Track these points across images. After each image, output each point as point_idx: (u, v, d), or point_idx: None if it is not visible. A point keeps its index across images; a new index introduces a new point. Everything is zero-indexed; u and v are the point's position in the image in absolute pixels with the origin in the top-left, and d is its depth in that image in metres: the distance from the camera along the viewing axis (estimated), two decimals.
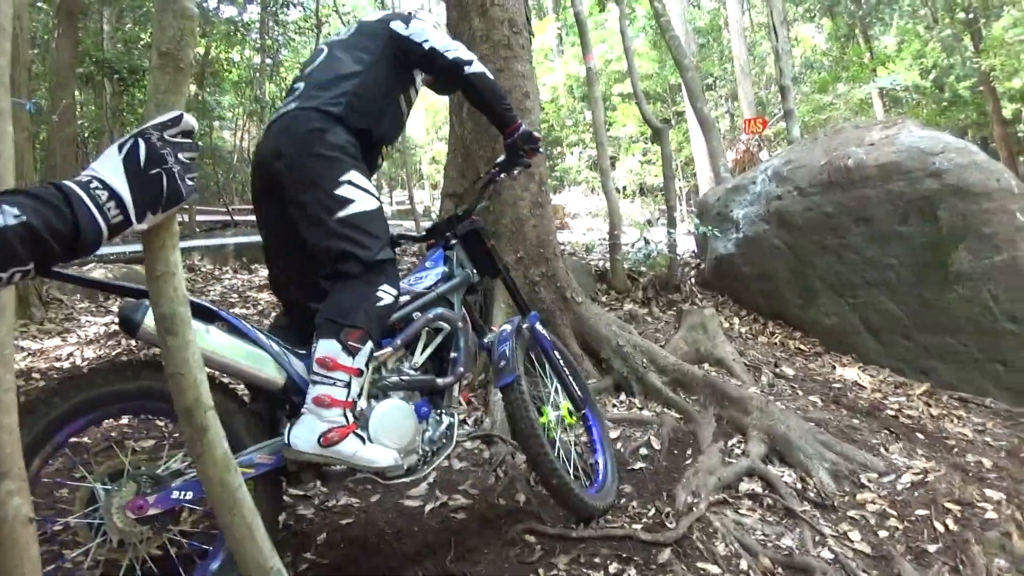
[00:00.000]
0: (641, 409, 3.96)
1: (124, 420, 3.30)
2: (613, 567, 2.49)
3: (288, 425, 2.01)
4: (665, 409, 3.93)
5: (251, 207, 2.75)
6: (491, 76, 2.52)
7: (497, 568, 2.47)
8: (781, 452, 3.47)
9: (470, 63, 2.45)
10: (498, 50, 4.46)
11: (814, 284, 5.26)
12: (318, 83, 2.27)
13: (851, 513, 3.12)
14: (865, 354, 5.08)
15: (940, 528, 3.00)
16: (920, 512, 3.08)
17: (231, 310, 5.70)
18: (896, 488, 3.29)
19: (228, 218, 13.58)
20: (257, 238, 9.13)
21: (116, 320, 1.91)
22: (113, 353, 4.75)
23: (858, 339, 5.12)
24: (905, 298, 4.86)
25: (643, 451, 3.53)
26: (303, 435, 1.96)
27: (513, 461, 3.36)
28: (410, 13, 2.55)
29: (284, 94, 2.71)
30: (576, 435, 3.14)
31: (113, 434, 3.25)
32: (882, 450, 3.68)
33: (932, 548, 2.88)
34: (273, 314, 5.74)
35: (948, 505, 3.12)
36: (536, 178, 4.51)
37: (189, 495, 1.86)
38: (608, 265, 6.09)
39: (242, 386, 2.22)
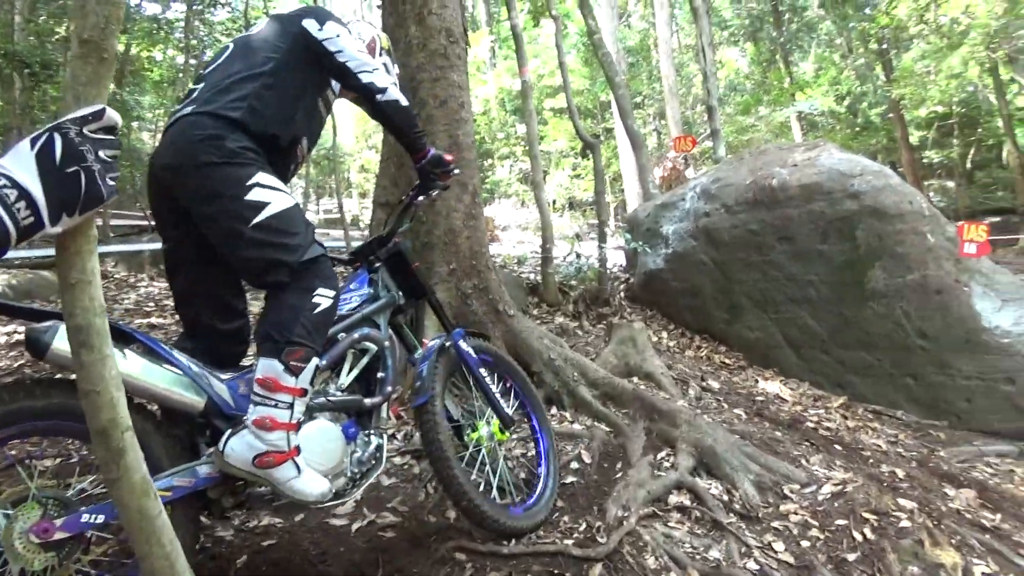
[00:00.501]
0: (572, 423, 3.96)
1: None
2: None
3: (227, 433, 1.90)
4: (595, 423, 3.95)
5: None
6: (405, 103, 2.37)
7: None
8: (708, 465, 3.52)
9: (383, 91, 2.29)
10: (435, 59, 4.42)
11: (739, 300, 5.40)
12: (217, 85, 2.09)
13: (775, 524, 3.19)
14: (787, 368, 5.24)
15: (858, 537, 3.09)
16: (840, 522, 3.18)
17: (147, 319, 5.46)
18: (817, 499, 3.39)
19: (145, 223, 12.99)
20: None
21: (23, 339, 1.77)
22: (15, 366, 4.45)
23: (780, 353, 5.28)
24: (824, 314, 5.05)
25: (574, 465, 3.52)
26: (239, 449, 1.87)
27: None
28: (326, 11, 2.40)
29: None
30: (511, 449, 3.12)
31: (14, 452, 3.04)
32: (803, 462, 3.79)
33: (851, 557, 2.97)
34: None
35: (865, 515, 3.23)
36: (469, 189, 4.49)
37: (100, 519, 1.74)
38: (540, 278, 6.11)
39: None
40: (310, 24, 2.25)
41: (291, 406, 1.92)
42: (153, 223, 2.23)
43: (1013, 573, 3.20)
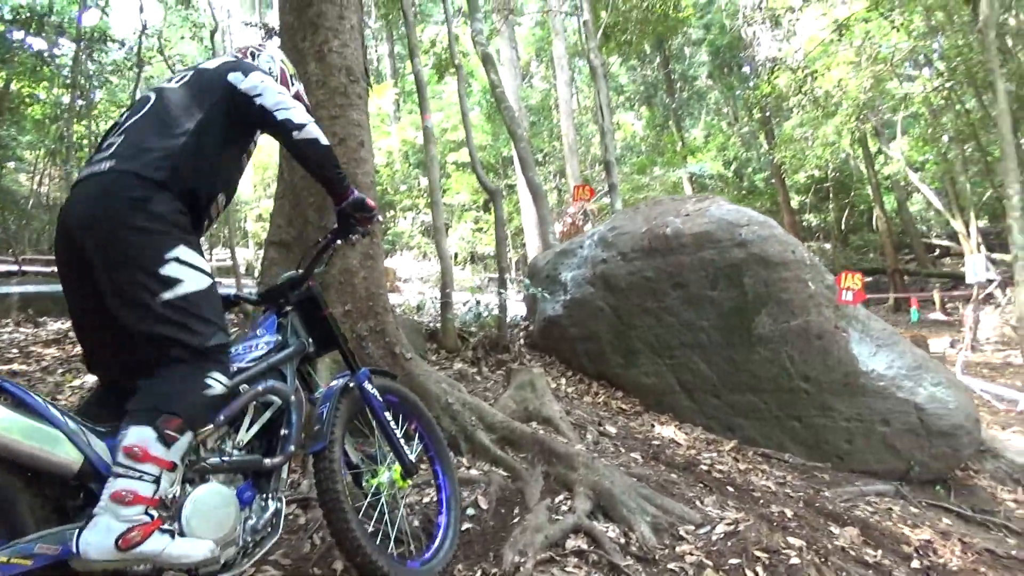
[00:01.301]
0: (469, 468, 3.87)
1: None
2: None
3: (77, 530, 1.67)
4: (493, 467, 3.86)
5: (44, 257, 2.34)
6: (325, 142, 2.25)
7: None
8: (605, 507, 3.49)
9: (301, 127, 2.18)
10: (334, 97, 4.37)
11: (635, 345, 5.49)
12: (139, 141, 1.98)
13: (671, 565, 3.17)
14: (680, 413, 5.34)
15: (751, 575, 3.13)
16: (733, 561, 3.19)
17: (8, 366, 5.01)
18: (711, 539, 3.41)
19: (15, 268, 12.02)
20: (47, 287, 8.15)
21: None
22: None
23: (674, 398, 5.38)
24: (716, 359, 5.20)
25: (470, 511, 3.42)
26: (96, 540, 1.64)
27: None
28: (250, 63, 2.35)
29: (96, 141, 2.36)
30: (408, 495, 2.99)
31: None
32: (698, 503, 3.82)
33: None
34: (60, 371, 5.10)
35: (757, 553, 3.26)
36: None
37: None
38: (439, 325, 6.03)
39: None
40: (235, 77, 2.20)
41: (157, 480, 1.74)
42: (23, 268, 2.04)
43: None
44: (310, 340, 2.52)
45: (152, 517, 1.73)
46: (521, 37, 24.14)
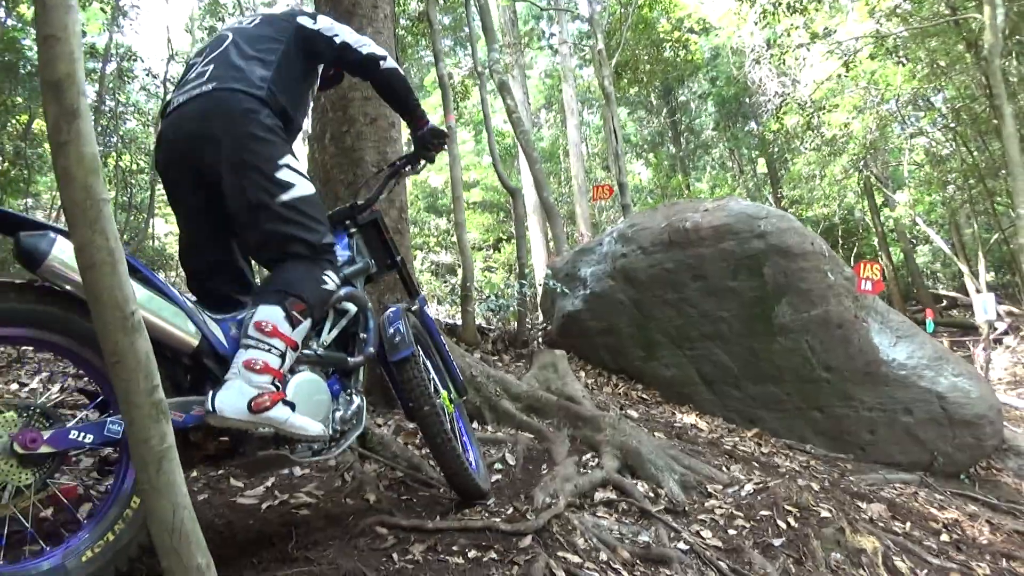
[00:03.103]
0: (495, 432, 3.87)
1: None
2: (472, 553, 2.34)
3: (210, 392, 1.79)
4: (519, 432, 3.86)
5: None
6: (402, 72, 2.53)
7: (345, 555, 2.24)
8: (633, 467, 3.48)
9: (384, 58, 2.45)
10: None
11: (655, 337, 5.51)
12: (233, 66, 2.14)
13: (701, 516, 3.17)
14: (701, 404, 5.33)
15: (783, 525, 3.10)
16: (764, 513, 3.18)
17: None
18: (741, 495, 3.40)
19: None
20: None
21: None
22: None
23: (695, 390, 5.38)
24: (736, 349, 5.21)
25: (498, 466, 3.42)
26: (231, 400, 1.76)
27: (362, 467, 3.13)
28: (314, 11, 2.59)
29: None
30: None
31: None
32: (724, 469, 3.81)
33: (777, 542, 2.97)
34: None
35: (788, 507, 3.25)
36: (397, 204, 4.49)
37: (89, 439, 1.61)
38: (458, 320, 6.07)
39: None
40: (304, 20, 2.40)
41: (283, 355, 1.88)
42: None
43: (928, 569, 3.27)
44: (372, 261, 2.61)
45: (277, 388, 1.85)
46: (531, 86, 24.71)
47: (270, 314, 1.87)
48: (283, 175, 2.01)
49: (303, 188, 2.06)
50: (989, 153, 16.08)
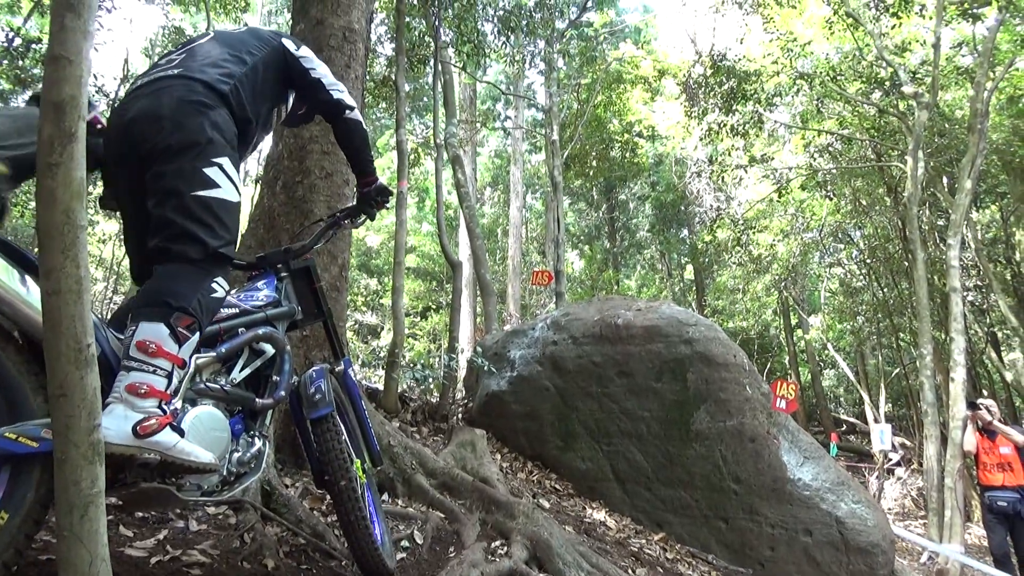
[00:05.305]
0: (406, 507, 3.77)
1: None
2: None
3: None
4: (431, 510, 3.78)
5: None
6: (365, 127, 2.59)
7: None
8: (542, 559, 3.44)
9: (353, 109, 2.52)
10: (328, 133, 4.50)
11: (575, 428, 5.54)
12: (205, 57, 2.16)
13: None
14: (611, 501, 5.33)
15: None
16: None
17: None
18: None
19: None
20: None
21: None
22: None
23: (607, 486, 5.39)
24: (652, 450, 5.28)
25: (405, 543, 3.33)
26: (115, 426, 1.65)
27: (264, 529, 2.99)
28: (299, 41, 2.58)
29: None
30: None
31: None
32: (630, 572, 3.80)
33: None
34: None
35: None
36: (339, 261, 4.46)
37: None
38: (381, 385, 5.96)
39: None
40: (289, 43, 2.47)
41: (169, 375, 1.77)
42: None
43: None
44: (299, 307, 2.57)
45: (164, 411, 1.75)
46: (480, 163, 25.25)
47: (153, 332, 1.76)
48: (212, 172, 1.95)
49: (227, 193, 1.99)
50: (898, 291, 17.20)
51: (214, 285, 1.94)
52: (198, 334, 1.86)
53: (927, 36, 12.14)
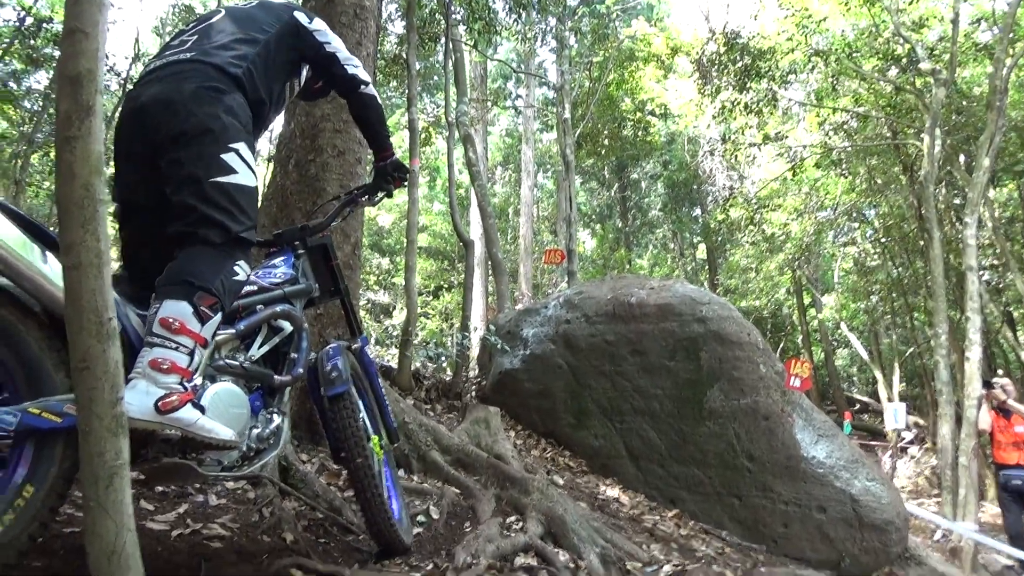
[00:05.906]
0: (422, 483, 3.80)
1: None
2: None
3: None
4: (446, 485, 3.81)
5: None
6: (380, 101, 2.56)
7: None
8: (556, 534, 3.46)
9: (368, 84, 2.49)
10: (341, 112, 4.50)
11: (588, 406, 5.55)
12: (217, 39, 2.14)
13: None
14: (625, 479, 5.35)
15: None
16: None
17: None
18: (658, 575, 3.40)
19: None
20: None
21: None
22: None
23: (620, 463, 5.40)
24: (665, 428, 5.28)
25: (421, 519, 3.36)
26: (137, 401, 1.66)
27: (282, 504, 3.03)
28: (312, 13, 2.55)
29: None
30: None
31: None
32: (644, 547, 3.82)
33: None
34: None
35: None
36: (351, 240, 4.46)
37: None
38: (394, 363, 5.99)
39: None
40: (301, 16, 2.42)
41: (192, 352, 1.79)
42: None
43: None
44: (316, 285, 2.58)
45: (186, 388, 1.77)
46: (492, 143, 25.14)
47: (177, 310, 1.78)
48: (229, 158, 1.96)
49: (244, 178, 1.99)
50: (913, 271, 17.06)
51: (236, 268, 1.95)
52: (220, 314, 1.87)
53: (945, 11, 11.96)
